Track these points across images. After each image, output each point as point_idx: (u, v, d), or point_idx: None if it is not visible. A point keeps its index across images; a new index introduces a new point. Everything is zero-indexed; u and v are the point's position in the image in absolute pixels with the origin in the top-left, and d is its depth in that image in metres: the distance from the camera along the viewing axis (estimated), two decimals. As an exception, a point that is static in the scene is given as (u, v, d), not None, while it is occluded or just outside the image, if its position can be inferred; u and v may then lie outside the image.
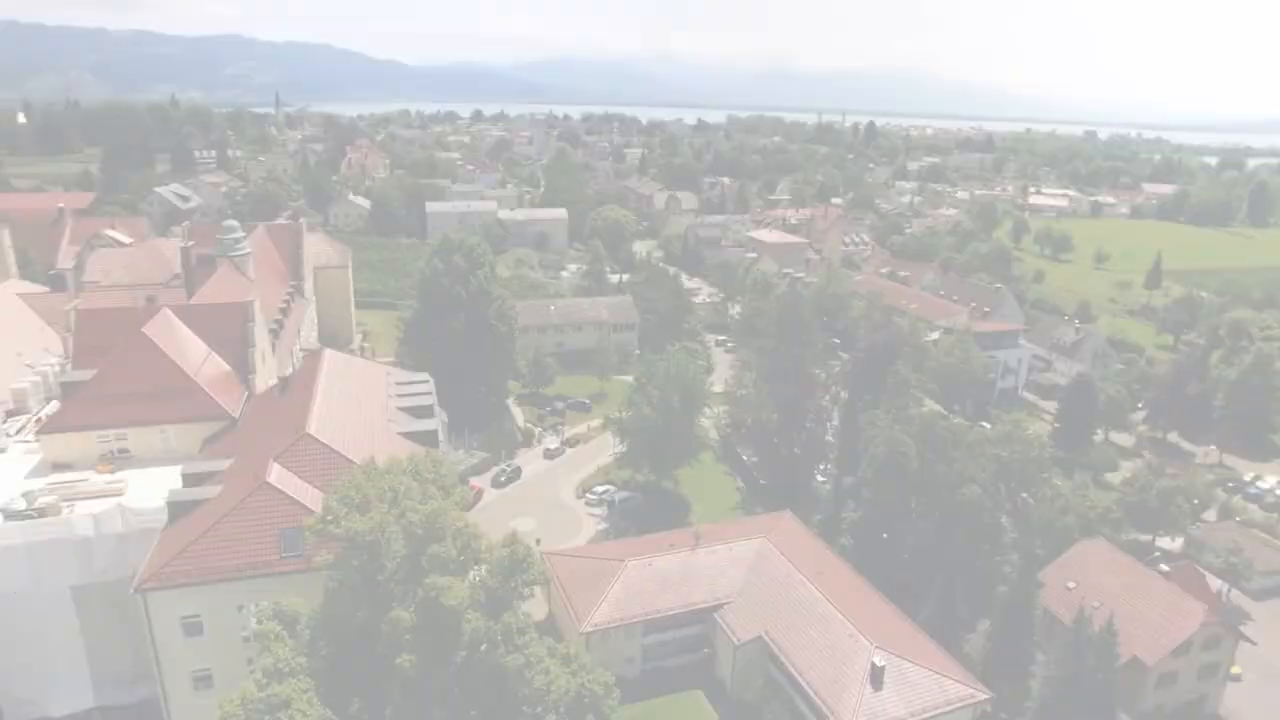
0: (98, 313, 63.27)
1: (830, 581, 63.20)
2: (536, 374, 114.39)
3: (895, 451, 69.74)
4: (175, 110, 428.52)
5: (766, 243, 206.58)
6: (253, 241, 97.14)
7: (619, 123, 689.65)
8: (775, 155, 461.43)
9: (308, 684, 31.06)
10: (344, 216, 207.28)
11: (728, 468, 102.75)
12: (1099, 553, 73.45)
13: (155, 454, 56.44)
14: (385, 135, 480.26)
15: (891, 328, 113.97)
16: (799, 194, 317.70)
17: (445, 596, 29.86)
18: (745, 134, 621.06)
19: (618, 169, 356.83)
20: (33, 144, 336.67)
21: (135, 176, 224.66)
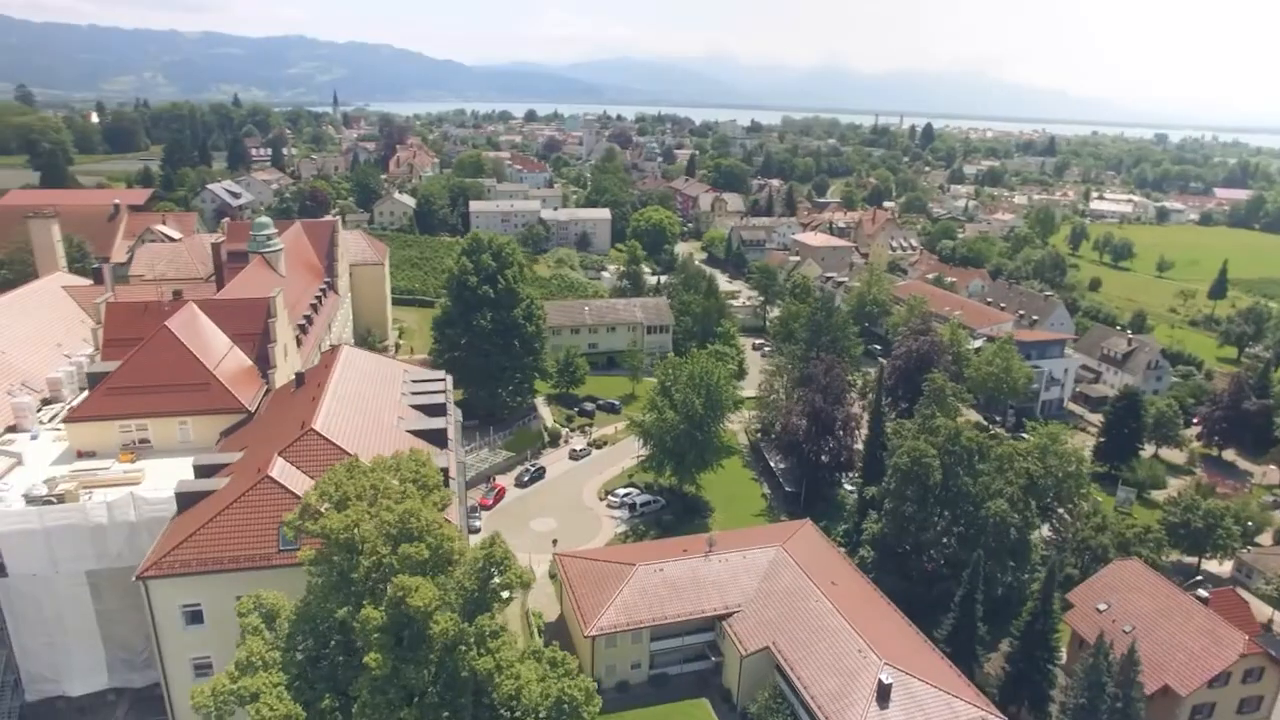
0: (125, 306, 65.09)
1: (844, 594, 61.66)
2: (566, 374, 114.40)
3: (918, 462, 67.87)
4: (236, 110, 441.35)
5: (811, 246, 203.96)
6: (289, 237, 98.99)
7: (671, 123, 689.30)
8: (828, 158, 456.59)
9: (279, 678, 31.20)
10: (389, 214, 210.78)
11: (755, 473, 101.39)
12: (1133, 574, 70.26)
13: (174, 445, 57.71)
14: (438, 134, 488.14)
15: (929, 334, 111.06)
16: (850, 197, 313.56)
17: (412, 597, 29.66)
18: (799, 136, 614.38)
19: (666, 170, 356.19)
20: (103, 143, 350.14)
21: (192, 173, 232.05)
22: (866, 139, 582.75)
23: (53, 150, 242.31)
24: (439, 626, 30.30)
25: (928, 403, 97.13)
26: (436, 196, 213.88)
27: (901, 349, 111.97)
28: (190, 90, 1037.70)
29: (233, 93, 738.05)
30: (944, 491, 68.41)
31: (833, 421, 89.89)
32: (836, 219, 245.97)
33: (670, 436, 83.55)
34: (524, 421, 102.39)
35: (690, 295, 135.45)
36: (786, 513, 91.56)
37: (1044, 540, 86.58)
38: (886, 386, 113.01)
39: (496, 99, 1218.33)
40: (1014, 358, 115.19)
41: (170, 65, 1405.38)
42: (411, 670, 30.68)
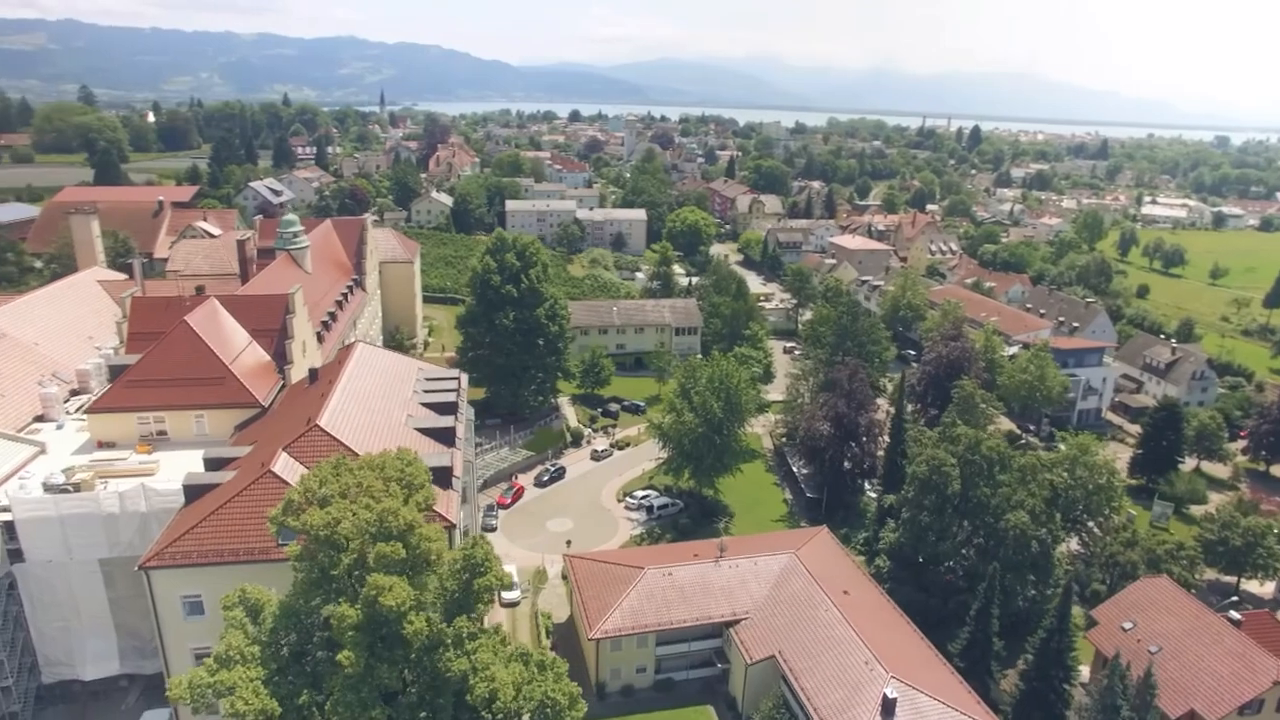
0: (149, 300, 66.65)
1: (855, 604, 60.40)
2: (591, 374, 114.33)
3: (936, 471, 66.28)
4: (285, 109, 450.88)
5: (848, 249, 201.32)
6: (319, 235, 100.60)
7: (715, 124, 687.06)
8: (872, 160, 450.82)
9: (257, 673, 31.43)
10: (426, 213, 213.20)
11: (778, 478, 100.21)
12: (1162, 592, 67.70)
13: (190, 437, 58.85)
14: (482, 134, 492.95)
15: (961, 340, 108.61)
16: (893, 200, 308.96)
17: (385, 597, 29.61)
18: (844, 138, 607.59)
19: (706, 171, 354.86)
20: (157, 141, 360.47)
21: (238, 171, 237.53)
22: (912, 141, 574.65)
23: (106, 149, 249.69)
24: (412, 627, 30.19)
25: (956, 410, 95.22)
26: (473, 195, 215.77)
27: (931, 355, 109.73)
28: (245, 90, 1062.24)
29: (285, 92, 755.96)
30: (963, 502, 66.72)
31: (856, 427, 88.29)
32: (876, 222, 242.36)
33: (688, 440, 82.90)
34: (545, 421, 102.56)
35: (719, 297, 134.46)
36: (807, 519, 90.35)
37: (1072, 554, 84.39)
38: (916, 393, 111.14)
39: (542, 99, 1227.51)
40: (1049, 365, 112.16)
41: (226, 66, 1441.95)
42: (385, 670, 30.64)
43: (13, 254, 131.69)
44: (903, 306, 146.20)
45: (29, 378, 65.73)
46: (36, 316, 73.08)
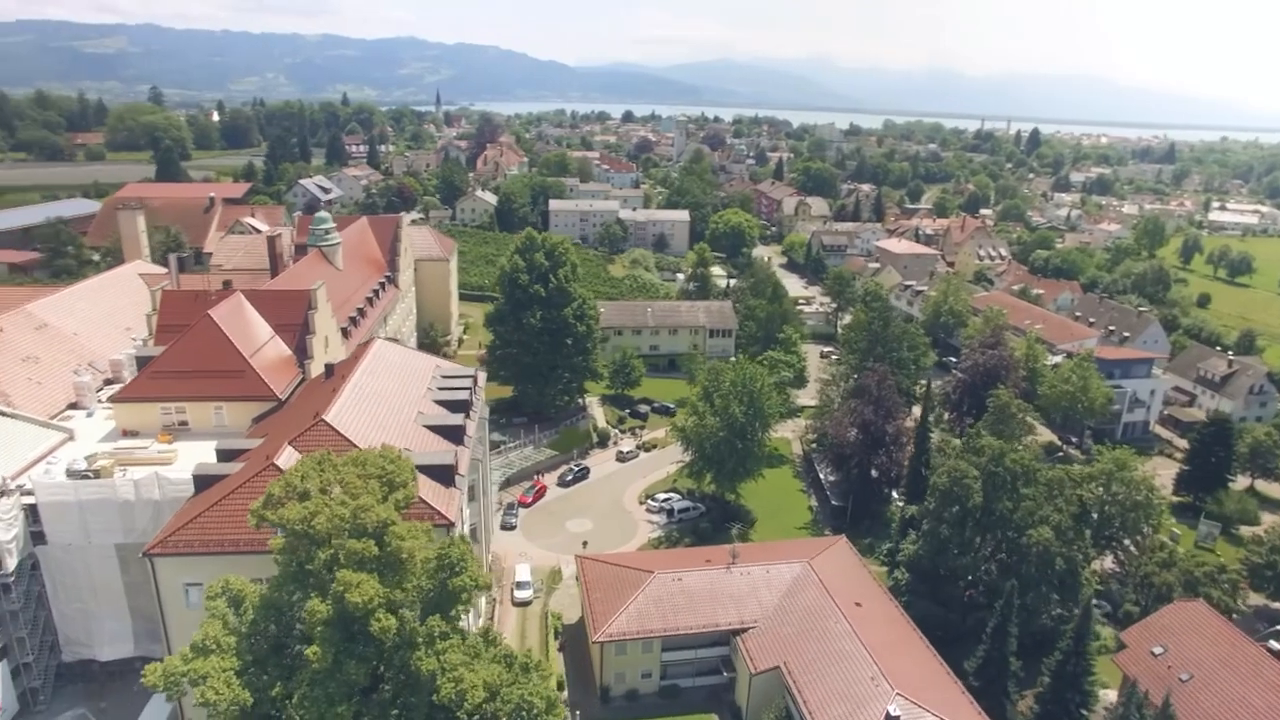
0: (178, 294, 68.44)
1: (867, 616, 59.01)
2: (621, 375, 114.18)
3: (958, 483, 64.36)
4: (343, 108, 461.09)
5: (893, 253, 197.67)
6: (354, 232, 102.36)
7: (768, 126, 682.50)
8: (926, 163, 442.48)
9: (231, 663, 31.83)
10: (470, 211, 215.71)
11: (804, 485, 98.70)
12: (1195, 616, 64.57)
13: (210, 428, 60.19)
14: (535, 133, 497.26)
15: (999, 348, 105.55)
16: (945, 204, 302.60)
17: (351, 593, 29.71)
18: (898, 140, 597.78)
19: (755, 172, 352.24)
20: (220, 139, 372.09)
21: (291, 168, 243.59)
22: (969, 144, 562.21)
23: (168, 147, 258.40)
24: (379, 624, 30.24)
25: (991, 420, 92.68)
26: (517, 195, 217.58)
27: (968, 362, 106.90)
28: (309, 90, 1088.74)
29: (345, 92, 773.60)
30: (985, 515, 64.65)
31: (883, 435, 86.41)
32: (924, 226, 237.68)
33: (709, 443, 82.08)
34: (572, 420, 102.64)
35: (755, 300, 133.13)
36: (831, 527, 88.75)
37: (1106, 573, 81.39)
38: (951, 401, 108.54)
39: (598, 99, 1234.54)
40: (1093, 376, 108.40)
41: (291, 66, 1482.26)
42: (354, 666, 30.73)
43: (73, 247, 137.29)
44: (944, 312, 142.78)
45: (66, 366, 68.13)
46: (78, 308, 75.71)
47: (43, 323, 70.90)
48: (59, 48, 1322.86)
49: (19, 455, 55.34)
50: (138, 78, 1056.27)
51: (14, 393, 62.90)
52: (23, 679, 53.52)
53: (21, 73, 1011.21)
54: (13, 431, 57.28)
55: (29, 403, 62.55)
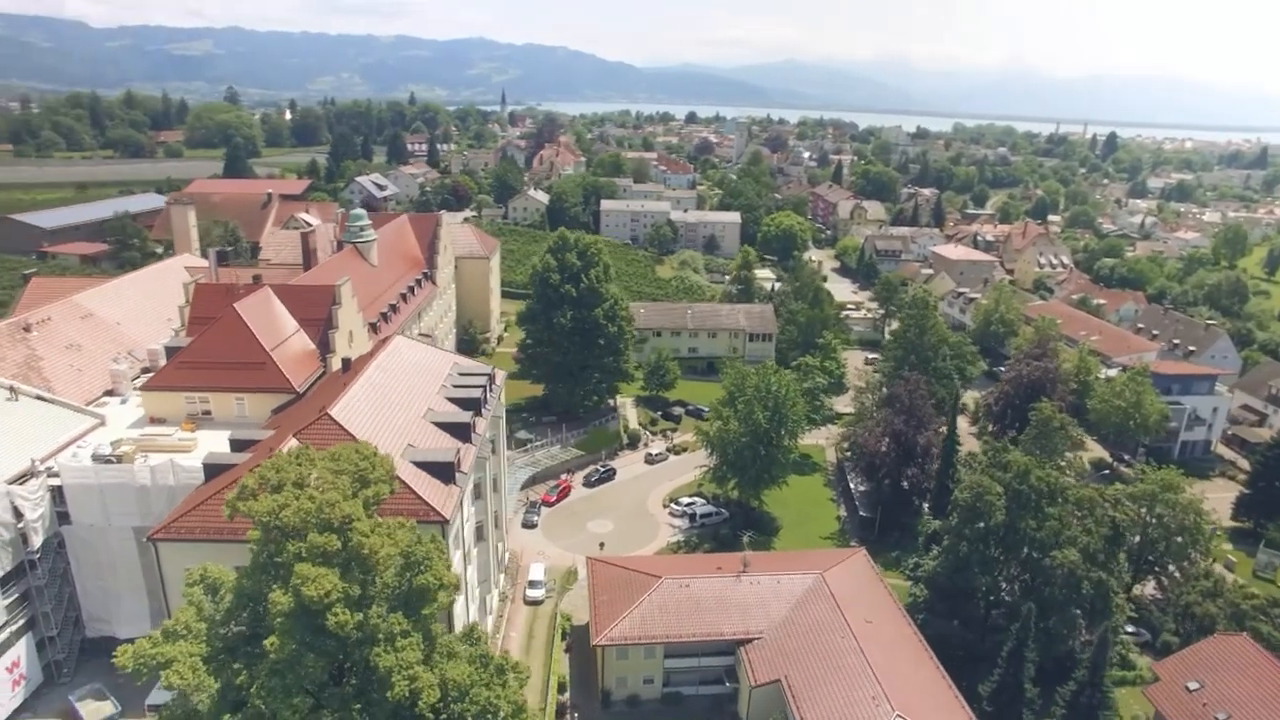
0: (211, 287, 70.52)
1: (876, 633, 57.32)
2: (656, 376, 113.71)
3: (980, 498, 62.04)
4: (410, 107, 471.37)
5: (949, 259, 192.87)
6: (393, 229, 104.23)
7: (834, 128, 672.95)
8: (994, 167, 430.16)
9: (198, 649, 32.46)
10: (523, 210, 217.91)
11: (835, 494, 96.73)
12: (1237, 652, 60.87)
13: (232, 418, 61.85)
14: (596, 134, 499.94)
15: (1045, 360, 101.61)
16: (1009, 210, 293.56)
17: (308, 587, 29.96)
18: (966, 144, 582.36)
19: (813, 175, 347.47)
20: (290, 137, 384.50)
21: (353, 166, 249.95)
22: (1041, 148, 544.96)
23: (237, 144, 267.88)
24: (335, 619, 30.44)
25: (1033, 434, 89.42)
26: (570, 194, 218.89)
27: (1011, 373, 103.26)
28: (381, 89, 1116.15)
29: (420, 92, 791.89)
30: (1008, 533, 62.18)
31: (914, 446, 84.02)
32: (984, 231, 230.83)
33: (733, 449, 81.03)
34: (601, 421, 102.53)
35: (797, 304, 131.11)
36: (858, 538, 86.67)
37: (1148, 599, 77.67)
38: (993, 413, 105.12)
39: (665, 100, 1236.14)
40: (1147, 391, 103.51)
41: (366, 67, 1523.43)
42: (313, 659, 31.00)
43: (138, 240, 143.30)
44: (994, 321, 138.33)
45: (107, 355, 70.86)
46: (123, 298, 78.74)
47: (88, 312, 73.96)
48: (153, 51, 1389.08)
49: (53, 438, 57.74)
50: (222, 78, 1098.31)
51: (55, 379, 65.76)
52: (48, 652, 55.88)
53: (119, 75, 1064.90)
54: (48, 415, 59.84)
55: (68, 388, 65.31)
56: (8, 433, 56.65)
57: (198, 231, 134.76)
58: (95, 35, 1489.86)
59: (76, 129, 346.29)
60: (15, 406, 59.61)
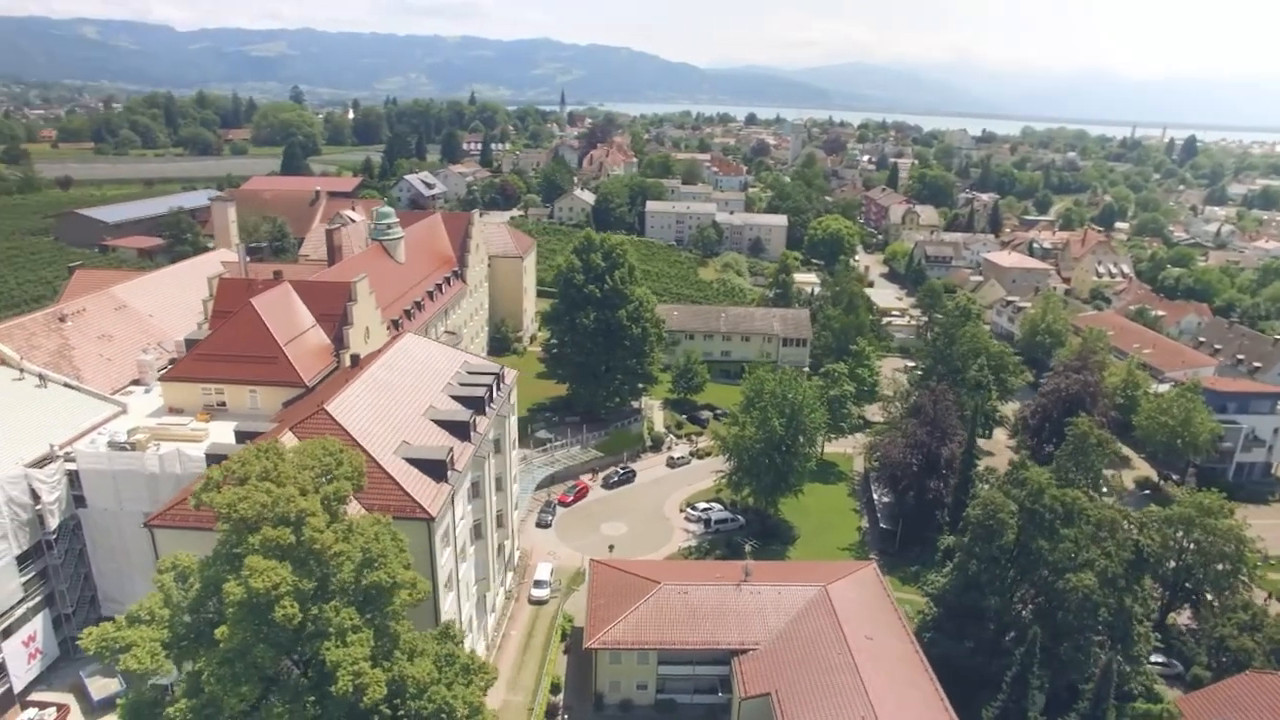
0: (234, 281, 72.41)
1: (874, 651, 55.68)
2: (684, 379, 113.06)
3: (992, 516, 59.82)
4: (469, 107, 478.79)
5: (1001, 266, 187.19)
6: (425, 227, 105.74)
7: (896, 131, 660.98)
8: (1061, 172, 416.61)
9: (159, 634, 33.25)
10: (568, 210, 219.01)
11: (859, 504, 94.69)
12: (1272, 691, 57.32)
13: (246, 410, 63.39)
14: (653, 134, 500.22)
15: (1086, 373, 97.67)
16: (1074, 216, 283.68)
17: (254, 579, 30.40)
18: (1034, 148, 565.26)
19: (868, 178, 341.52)
20: (352, 135, 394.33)
21: (406, 164, 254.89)
22: (1113, 153, 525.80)
23: (293, 142, 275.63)
24: (282, 611, 30.80)
25: (1069, 450, 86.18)
26: (616, 195, 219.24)
27: (1048, 386, 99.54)
28: (446, 89, 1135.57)
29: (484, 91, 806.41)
30: (1021, 554, 59.84)
31: (937, 459, 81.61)
32: (1042, 238, 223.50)
33: (748, 455, 79.94)
34: (624, 423, 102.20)
35: (833, 309, 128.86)
36: (878, 552, 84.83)
37: (1182, 628, 74.02)
38: (1029, 427, 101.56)
39: (727, 101, 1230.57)
40: (1197, 408, 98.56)
41: (432, 67, 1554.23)
42: (262, 650, 31.44)
43: (191, 235, 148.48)
44: (1040, 331, 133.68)
45: (138, 345, 73.48)
46: (157, 291, 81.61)
47: (122, 304, 76.85)
48: (231, 52, 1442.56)
49: (75, 424, 60.07)
50: (294, 78, 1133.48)
51: (85, 367, 68.45)
52: (64, 628, 58.18)
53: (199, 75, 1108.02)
54: (74, 403, 62.31)
55: (97, 377, 67.94)
56: (33, 418, 59.13)
57: (249, 227, 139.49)
58: (179, 38, 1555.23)
59: (152, 128, 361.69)
60: (43, 393, 62.26)
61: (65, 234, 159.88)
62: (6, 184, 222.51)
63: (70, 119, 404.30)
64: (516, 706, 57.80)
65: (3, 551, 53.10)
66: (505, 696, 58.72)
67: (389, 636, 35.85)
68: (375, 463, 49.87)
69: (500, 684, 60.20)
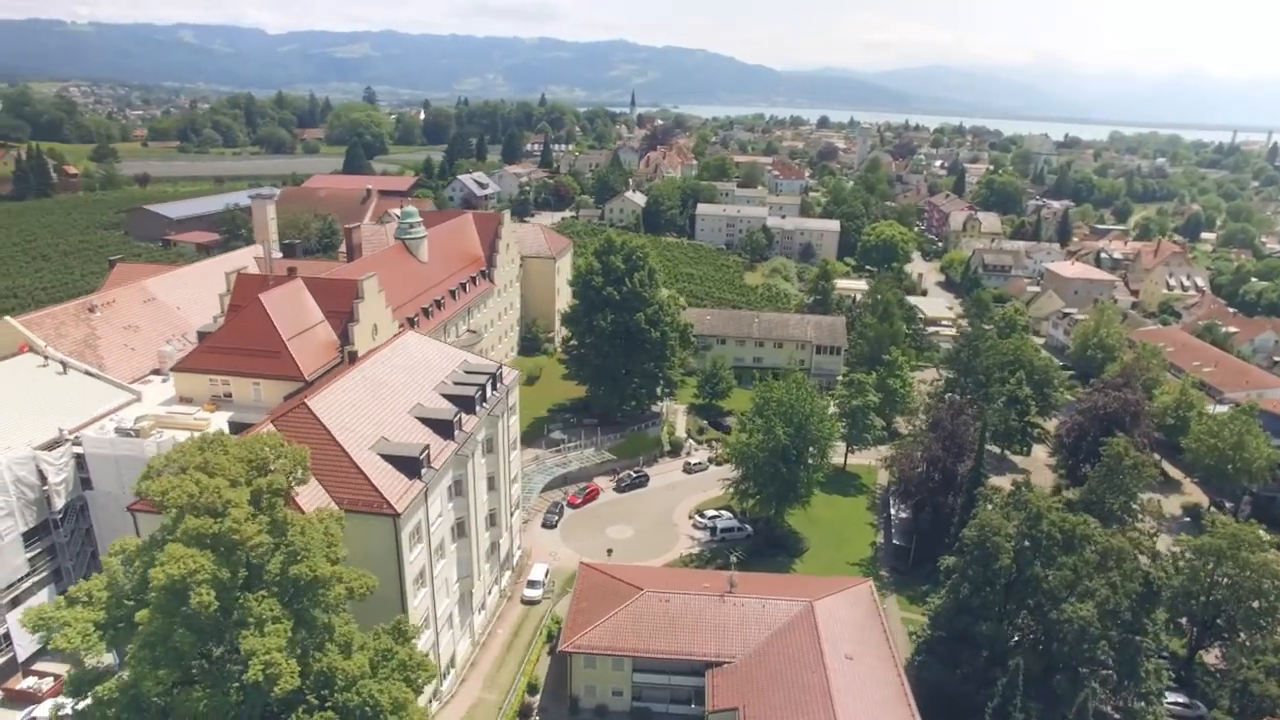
0: (250, 277, 74.64)
1: (852, 673, 53.94)
2: (709, 385, 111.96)
3: (987, 539, 57.33)
4: (538, 108, 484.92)
5: (1062, 276, 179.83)
6: (454, 227, 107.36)
7: (973, 135, 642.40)
8: (1146, 179, 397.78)
9: (95, 616, 34.41)
10: (619, 211, 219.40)
11: (877, 519, 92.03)
12: (1287, 737, 53.67)
13: (249, 402, 65.34)
14: (721, 137, 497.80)
15: (1127, 390, 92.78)
16: (1155, 225, 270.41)
17: (169, 565, 31.24)
18: (1119, 154, 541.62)
19: (934, 184, 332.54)
20: (421, 135, 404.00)
21: (465, 164, 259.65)
22: (1207, 159, 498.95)
23: (354, 143, 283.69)
24: (197, 598, 31.54)
25: (1103, 472, 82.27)
26: (667, 197, 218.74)
27: (1085, 403, 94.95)
28: (522, 90, 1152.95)
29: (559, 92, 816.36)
30: (1017, 579, 57.13)
31: (954, 475, 78.68)
32: (1112, 248, 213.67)
33: (752, 464, 78.58)
34: (641, 426, 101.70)
35: (870, 317, 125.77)
36: (889, 568, 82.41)
37: (1210, 667, 69.60)
38: (1065, 446, 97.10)
39: (803, 104, 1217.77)
40: (1252, 431, 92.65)
41: (510, 68, 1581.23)
42: (180, 635, 32.26)
43: (245, 231, 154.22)
44: (1092, 345, 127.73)
45: (161, 337, 76.71)
46: (186, 285, 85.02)
47: (151, 296, 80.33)
48: (316, 54, 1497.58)
49: (89, 410, 63.02)
50: (376, 79, 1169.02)
51: (109, 356, 71.77)
52: (72, 606, 60.96)
53: (287, 77, 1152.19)
54: (91, 389, 65.40)
55: (119, 366, 71.15)
56: (50, 403, 62.29)
57: (299, 224, 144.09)
58: (269, 41, 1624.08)
59: (233, 127, 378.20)
60: (63, 380, 65.55)
61: (133, 228, 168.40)
62: (90, 180, 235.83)
63: (160, 120, 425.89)
64: (489, 704, 58.03)
65: (9, 528, 56.14)
66: (480, 694, 59.09)
67: (319, 629, 36.36)
68: (348, 457, 50.91)
69: (476, 681, 60.85)
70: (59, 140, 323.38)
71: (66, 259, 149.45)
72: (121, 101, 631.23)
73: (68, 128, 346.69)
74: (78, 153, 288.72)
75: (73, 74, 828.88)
